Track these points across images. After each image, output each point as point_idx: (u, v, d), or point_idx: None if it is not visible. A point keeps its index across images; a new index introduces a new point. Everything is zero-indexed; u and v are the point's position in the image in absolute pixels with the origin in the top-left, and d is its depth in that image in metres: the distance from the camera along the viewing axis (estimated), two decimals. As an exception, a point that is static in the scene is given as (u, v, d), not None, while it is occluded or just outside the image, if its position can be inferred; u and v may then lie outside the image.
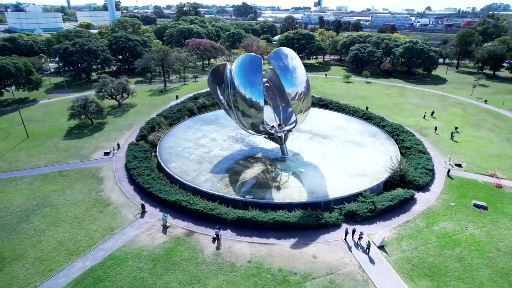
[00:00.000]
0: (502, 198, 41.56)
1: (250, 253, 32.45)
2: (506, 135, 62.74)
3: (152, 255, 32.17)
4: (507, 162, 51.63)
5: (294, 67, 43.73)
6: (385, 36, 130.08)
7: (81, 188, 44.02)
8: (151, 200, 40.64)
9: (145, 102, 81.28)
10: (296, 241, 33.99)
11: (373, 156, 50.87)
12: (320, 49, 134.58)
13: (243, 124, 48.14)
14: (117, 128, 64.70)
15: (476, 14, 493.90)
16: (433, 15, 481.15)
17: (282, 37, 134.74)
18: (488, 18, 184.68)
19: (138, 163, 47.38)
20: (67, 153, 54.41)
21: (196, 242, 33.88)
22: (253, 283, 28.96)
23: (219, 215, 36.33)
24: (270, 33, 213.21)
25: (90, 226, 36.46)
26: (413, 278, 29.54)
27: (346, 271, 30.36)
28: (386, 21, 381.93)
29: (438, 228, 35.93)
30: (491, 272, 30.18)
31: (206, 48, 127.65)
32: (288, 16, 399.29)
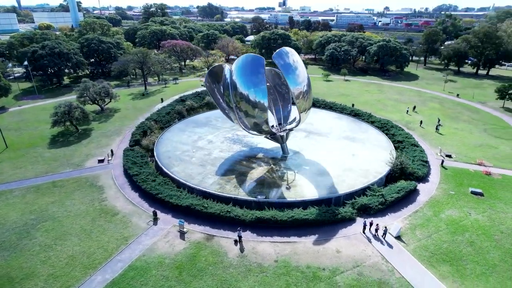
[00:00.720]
0: (494, 185, 44.71)
1: (275, 252, 32.51)
2: (482, 126, 67.43)
3: (175, 263, 31.28)
4: (490, 151, 55.55)
5: (296, 66, 44.35)
6: (358, 35, 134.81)
7: (81, 198, 41.77)
8: (161, 206, 39.46)
9: (129, 106, 78.46)
10: (317, 238, 34.51)
11: (370, 151, 52.68)
12: (297, 48, 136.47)
13: (245, 124, 48.03)
14: (106, 134, 61.97)
15: (430, 14, 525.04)
16: (392, 14, 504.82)
17: (258, 38, 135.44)
18: (446, 18, 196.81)
19: (139, 169, 45.78)
20: (56, 162, 51.34)
21: (218, 246, 33.37)
22: (284, 282, 29.07)
23: (237, 217, 36.05)
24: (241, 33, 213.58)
25: (101, 237, 34.75)
26: (433, 264, 31.06)
27: (371, 262, 31.31)
28: (351, 21, 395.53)
29: (444, 216, 38.00)
30: (501, 253, 32.43)
31: (182, 50, 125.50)
32: (256, 17, 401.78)
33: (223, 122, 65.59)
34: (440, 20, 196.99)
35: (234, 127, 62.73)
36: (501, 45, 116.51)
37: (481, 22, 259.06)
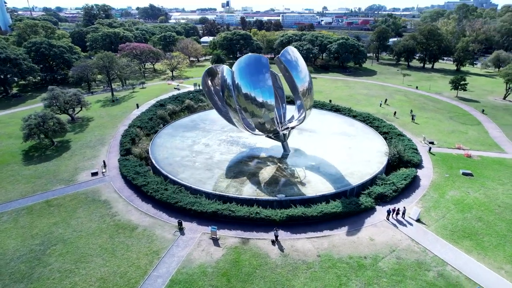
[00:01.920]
0: (477, 165, 50.03)
1: (314, 247, 33.07)
2: (447, 114, 74.70)
3: (219, 270, 30.33)
4: (461, 136, 61.84)
5: (299, 63, 45.22)
6: (318, 34, 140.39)
7: (88, 216, 38.33)
8: (181, 215, 37.77)
9: (102, 114, 73.22)
10: (347, 229, 35.76)
11: (363, 143, 55.57)
12: (259, 48, 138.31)
13: (248, 125, 47.91)
14: (88, 145, 57.27)
15: (365, 13, 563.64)
16: (331, 14, 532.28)
17: (220, 38, 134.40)
18: (388, 17, 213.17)
19: (144, 179, 43.24)
20: (41, 179, 46.36)
21: (256, 248, 33.00)
22: (334, 275, 29.79)
23: (267, 217, 35.92)
24: (194, 34, 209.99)
25: (128, 254, 32.36)
26: (456, 241, 34.03)
27: (404, 246, 33.34)
28: (296, 20, 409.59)
29: (449, 196, 41.71)
30: (506, 224, 36.58)
31: (143, 53, 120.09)
32: (203, 18, 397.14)
33: (211, 125, 64.46)
34: (382, 19, 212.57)
35: (225, 129, 62.01)
36: (442, 41, 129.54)
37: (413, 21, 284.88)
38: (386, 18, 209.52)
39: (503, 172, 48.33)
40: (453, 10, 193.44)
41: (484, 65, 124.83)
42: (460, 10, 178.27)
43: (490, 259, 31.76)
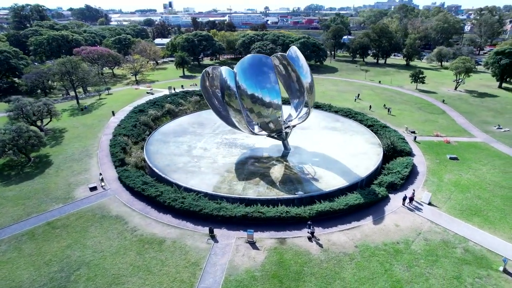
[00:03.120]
0: (457, 150, 55.42)
1: (349, 239, 34.25)
2: (415, 105, 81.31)
3: (268, 273, 30.08)
4: (434, 124, 67.89)
5: (301, 61, 46.14)
6: (279, 33, 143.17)
7: (103, 234, 35.39)
8: (207, 222, 36.59)
9: (75, 124, 67.44)
10: (372, 218, 37.56)
11: (355, 137, 58.39)
12: (221, 49, 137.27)
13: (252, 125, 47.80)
14: (73, 158, 52.51)
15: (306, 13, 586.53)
16: (274, 14, 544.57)
17: (181, 40, 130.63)
18: (336, 16, 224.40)
19: (155, 189, 41.01)
20: (31, 200, 41.62)
21: (295, 246, 33.26)
22: (376, 262, 31.22)
23: (297, 215, 36.31)
24: (145, 37, 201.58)
25: (166, 269, 30.63)
26: (468, 218, 37.59)
27: (426, 228, 35.99)
28: (243, 20, 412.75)
29: (446, 180, 45.76)
30: (500, 200, 41.21)
31: (101, 57, 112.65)
32: (147, 19, 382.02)
33: (200, 128, 63.01)
34: (331, 18, 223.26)
35: (216, 132, 61.05)
36: (392, 38, 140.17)
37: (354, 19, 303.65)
38: (334, 17, 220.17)
39: (480, 154, 54.16)
40: (395, 10, 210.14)
41: (429, 60, 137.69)
42: (400, 10, 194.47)
43: (499, 231, 35.62)
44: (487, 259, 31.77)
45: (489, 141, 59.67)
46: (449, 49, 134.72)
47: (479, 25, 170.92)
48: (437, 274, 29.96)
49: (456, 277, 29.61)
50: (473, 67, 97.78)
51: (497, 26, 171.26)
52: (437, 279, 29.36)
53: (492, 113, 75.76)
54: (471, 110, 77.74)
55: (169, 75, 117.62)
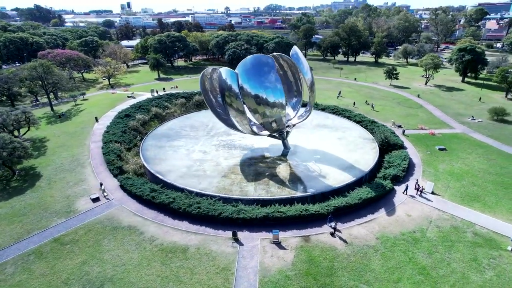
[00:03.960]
0: (444, 141, 59.11)
1: (369, 232, 35.44)
2: (394, 100, 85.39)
3: (301, 271, 30.34)
4: (416, 118, 71.81)
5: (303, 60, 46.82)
6: (252, 33, 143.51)
7: (119, 246, 33.71)
8: (226, 226, 36.14)
9: (56, 133, 63.28)
10: (384, 210, 39.11)
11: (347, 133, 60.26)
12: (195, 50, 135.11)
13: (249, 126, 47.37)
14: (64, 169, 49.32)
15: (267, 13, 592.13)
16: (235, 14, 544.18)
17: (153, 41, 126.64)
18: (303, 15, 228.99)
19: (166, 195, 39.72)
20: (28, 216, 38.60)
21: (321, 243, 33.81)
22: (400, 251, 32.63)
23: (317, 212, 36.87)
24: (109, 39, 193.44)
25: (197, 277, 29.87)
26: (469, 204, 40.35)
27: (435, 216, 38.14)
28: (207, 21, 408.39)
29: (441, 169, 48.71)
30: (492, 185, 44.64)
31: (69, 60, 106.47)
32: (107, 20, 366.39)
33: (193, 131, 61.89)
34: (297, 18, 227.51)
35: (211, 134, 60.32)
36: (361, 37, 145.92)
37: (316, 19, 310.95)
38: (301, 17, 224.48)
39: (463, 144, 58.20)
40: (359, 10, 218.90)
41: (396, 57, 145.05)
42: (364, 9, 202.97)
43: (499, 214, 38.62)
44: (495, 240, 34.33)
45: (467, 131, 64.25)
46: (414, 47, 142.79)
47: (435, 24, 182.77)
48: (456, 258, 31.91)
49: (473, 259, 31.73)
50: (440, 64, 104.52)
51: (451, 25, 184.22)
52: (458, 263, 31.28)
53: (463, 105, 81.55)
54: (444, 103, 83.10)
55: (144, 78, 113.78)
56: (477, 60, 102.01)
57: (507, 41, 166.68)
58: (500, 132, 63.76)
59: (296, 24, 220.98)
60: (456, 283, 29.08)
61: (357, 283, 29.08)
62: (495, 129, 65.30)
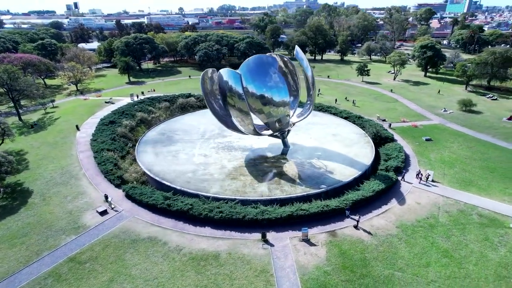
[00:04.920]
0: (427, 131, 63.28)
1: (388, 222, 37.12)
2: (370, 96, 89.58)
3: (337, 266, 31.05)
4: (395, 111, 76.04)
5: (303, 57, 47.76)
6: (222, 34, 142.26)
7: (145, 259, 32.09)
8: (251, 228, 35.87)
9: (34, 144, 58.27)
10: (395, 200, 41.14)
11: (339, 129, 62.31)
12: (165, 52, 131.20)
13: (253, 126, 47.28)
14: (55, 182, 45.68)
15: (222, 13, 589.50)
16: (190, 15, 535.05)
17: (120, 44, 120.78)
18: (264, 15, 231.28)
19: (182, 203, 38.45)
20: (30, 237, 35.37)
21: (347, 236, 34.79)
22: (420, 237, 34.63)
23: (337, 207, 37.84)
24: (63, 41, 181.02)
25: (237, 282, 29.40)
26: (467, 189, 43.76)
27: (441, 202, 40.89)
28: (164, 22, 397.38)
29: (433, 158, 52.20)
30: (480, 170, 48.78)
31: (28, 65, 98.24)
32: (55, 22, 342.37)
33: (186, 134, 60.50)
34: (259, 17, 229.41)
35: (205, 136, 59.42)
36: (327, 36, 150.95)
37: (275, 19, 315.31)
38: (263, 17, 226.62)
39: (443, 134, 62.78)
40: (320, 9, 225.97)
41: (360, 54, 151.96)
42: (324, 9, 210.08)
43: (493, 196, 42.36)
44: (498, 220, 37.64)
45: (443, 122, 69.39)
46: (376, 44, 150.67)
47: (391, 23, 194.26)
48: (470, 239, 34.54)
49: (486, 239, 34.56)
50: (407, 60, 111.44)
51: (404, 23, 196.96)
52: (474, 243, 33.89)
53: (432, 98, 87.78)
54: (415, 97, 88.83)
55: (113, 83, 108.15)
56: (437, 56, 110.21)
57: (453, 39, 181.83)
58: (471, 121, 69.65)
59: (259, 24, 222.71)
60: (478, 262, 31.50)
61: (391, 271, 30.38)
62: (466, 119, 71.17)
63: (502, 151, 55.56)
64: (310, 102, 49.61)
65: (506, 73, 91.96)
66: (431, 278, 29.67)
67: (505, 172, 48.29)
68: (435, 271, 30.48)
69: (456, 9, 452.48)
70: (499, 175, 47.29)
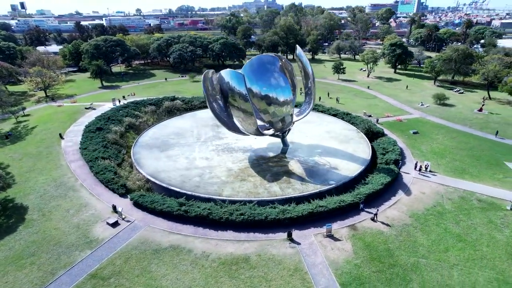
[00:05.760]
0: (412, 125, 66.89)
1: (400, 212, 38.91)
2: (350, 93, 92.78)
3: (365, 258, 32.02)
4: (377, 107, 79.48)
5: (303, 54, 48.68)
6: (194, 35, 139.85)
7: (174, 269, 31.02)
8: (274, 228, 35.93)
9: (15, 156, 53.86)
10: (401, 191, 43.20)
11: (331, 126, 64.08)
12: (137, 54, 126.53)
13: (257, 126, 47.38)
14: (52, 195, 42.60)
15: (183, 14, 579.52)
16: (150, 16, 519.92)
17: (89, 47, 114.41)
18: (231, 16, 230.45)
19: (202, 208, 37.53)
20: (39, 256, 32.79)
21: (368, 229, 35.96)
22: (434, 224, 36.72)
23: (352, 201, 38.95)
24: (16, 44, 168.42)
25: (274, 283, 29.38)
26: (461, 177, 46.96)
27: (442, 190, 43.54)
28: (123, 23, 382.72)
29: (424, 149, 55.37)
30: (468, 158, 52.50)
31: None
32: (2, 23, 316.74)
33: (182, 138, 59.27)
34: (227, 18, 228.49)
35: (202, 139, 58.67)
36: (297, 35, 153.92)
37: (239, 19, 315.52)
38: (230, 18, 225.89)
39: (427, 126, 66.74)
40: (287, 10, 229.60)
41: (330, 53, 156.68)
42: (291, 9, 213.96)
43: (485, 181, 45.87)
44: (495, 203, 40.83)
45: (424, 115, 73.71)
46: (345, 43, 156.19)
47: (356, 22, 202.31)
48: (477, 222, 37.18)
49: (489, 221, 37.37)
50: (379, 58, 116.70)
51: (368, 23, 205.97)
52: (481, 226, 36.51)
53: (407, 93, 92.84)
54: (392, 92, 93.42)
55: (85, 88, 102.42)
56: (405, 53, 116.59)
57: (413, 37, 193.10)
58: (448, 114, 74.64)
59: (226, 24, 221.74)
60: (489, 244, 34.01)
61: (416, 258, 31.92)
62: (442, 112, 76.14)
63: (481, 140, 60.16)
64: (310, 100, 50.48)
65: (467, 69, 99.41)
66: (453, 262, 31.55)
67: (489, 159, 52.36)
68: (454, 255, 32.46)
69: (406, 9, 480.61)
70: (485, 162, 51.21)
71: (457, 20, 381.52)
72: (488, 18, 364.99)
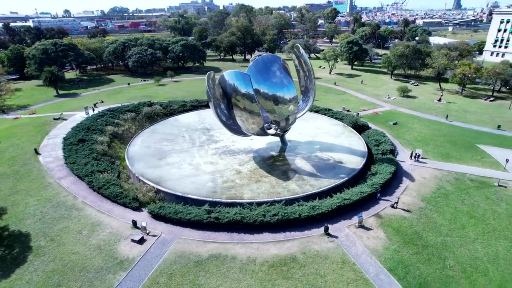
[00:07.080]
0: (389, 116, 72.04)
1: (412, 197, 42.07)
2: (320, 90, 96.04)
3: (399, 242, 34.11)
4: (351, 102, 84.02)
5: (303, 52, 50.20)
6: (151, 37, 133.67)
7: (225, 278, 30.05)
8: (308, 224, 36.57)
9: None
10: (405, 179, 46.60)
11: (318, 122, 66.37)
12: (92, 58, 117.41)
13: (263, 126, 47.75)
14: (53, 217, 38.16)
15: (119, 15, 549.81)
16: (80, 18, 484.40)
17: (36, 51, 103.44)
18: (180, 17, 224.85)
19: (230, 214, 36.70)
20: (70, 286, 29.54)
21: (392, 216, 38.31)
22: (444, 205, 40.42)
23: (371, 191, 41.07)
24: None
25: (330, 277, 30.03)
26: (449, 160, 52.02)
27: (438, 174, 47.89)
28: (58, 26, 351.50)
29: (409, 138, 60.21)
30: (448, 144, 58.24)
31: None
32: None
33: (177, 144, 57.12)
34: (175, 20, 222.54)
35: (198, 144, 57.06)
36: (254, 36, 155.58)
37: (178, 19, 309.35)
38: (179, 19, 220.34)
39: (401, 117, 72.43)
40: (237, 10, 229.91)
41: (286, 52, 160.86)
42: (241, 9, 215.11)
43: (468, 163, 51.46)
44: (484, 181, 46.07)
45: (394, 107, 79.74)
46: (301, 41, 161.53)
47: (304, 21, 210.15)
48: (478, 200, 41.70)
49: (487, 198, 42.15)
50: (339, 55, 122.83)
51: (316, 22, 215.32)
52: (482, 203, 41.03)
53: (371, 88, 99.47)
54: (358, 87, 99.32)
55: (38, 97, 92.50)
56: (361, 50, 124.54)
57: (358, 35, 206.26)
58: (414, 105, 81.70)
59: (175, 26, 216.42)
60: (494, 217, 38.40)
61: (442, 237, 34.90)
62: (409, 103, 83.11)
63: (450, 126, 67.08)
64: (307, 98, 51.85)
65: (417, 63, 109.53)
66: (473, 237, 35.09)
67: (463, 143, 58.69)
68: (472, 230, 36.12)
69: (340, 9, 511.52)
70: (462, 146, 57.30)
71: (387, 19, 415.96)
72: (412, 18, 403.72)
